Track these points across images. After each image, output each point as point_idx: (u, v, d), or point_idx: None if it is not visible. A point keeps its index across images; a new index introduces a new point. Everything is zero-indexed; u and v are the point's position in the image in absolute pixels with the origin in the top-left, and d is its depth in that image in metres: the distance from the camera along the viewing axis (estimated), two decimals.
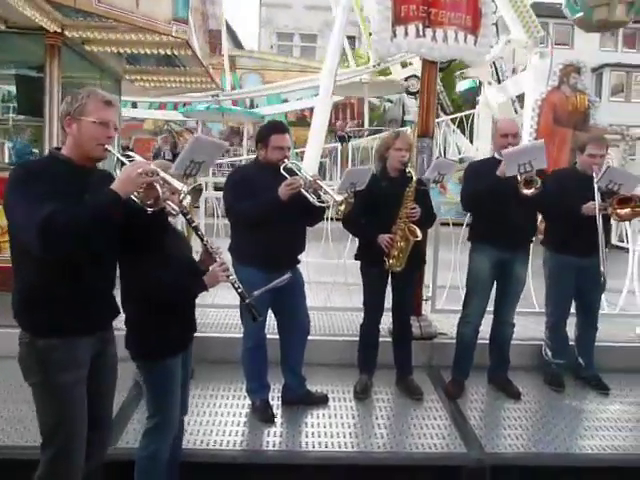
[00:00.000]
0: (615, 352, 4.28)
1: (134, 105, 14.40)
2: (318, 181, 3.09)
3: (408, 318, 3.82)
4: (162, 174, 1.95)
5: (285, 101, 15.59)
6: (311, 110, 10.56)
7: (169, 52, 5.55)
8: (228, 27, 23.84)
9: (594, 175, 3.54)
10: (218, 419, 3.32)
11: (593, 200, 3.48)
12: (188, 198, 2.08)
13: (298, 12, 26.26)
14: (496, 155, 3.72)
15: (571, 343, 4.05)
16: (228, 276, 2.31)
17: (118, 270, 2.29)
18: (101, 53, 5.78)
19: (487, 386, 3.89)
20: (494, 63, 10.29)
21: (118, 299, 2.31)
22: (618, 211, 3.54)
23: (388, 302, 3.70)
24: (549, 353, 4.01)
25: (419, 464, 3.06)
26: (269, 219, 3.05)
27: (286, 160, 3.17)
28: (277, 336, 3.49)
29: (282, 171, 3.13)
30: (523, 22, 8.52)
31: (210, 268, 2.32)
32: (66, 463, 2.08)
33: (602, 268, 3.44)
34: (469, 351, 3.84)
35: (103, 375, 2.22)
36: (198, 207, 5.16)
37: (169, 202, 2.07)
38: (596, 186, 3.50)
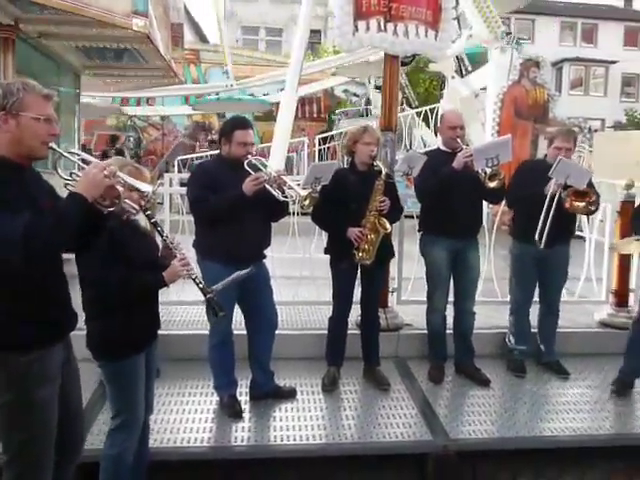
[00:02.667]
0: (574, 338, 4.43)
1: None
2: (282, 176, 3.10)
3: (376, 310, 3.87)
4: (124, 177, 1.92)
5: (252, 96, 15.46)
6: (277, 105, 10.51)
7: (129, 46, 5.46)
8: (192, 20, 23.55)
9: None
10: (186, 416, 3.30)
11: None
12: (151, 198, 2.06)
13: (263, 6, 26.09)
14: (441, 147, 3.81)
15: (533, 330, 4.17)
16: (188, 271, 2.30)
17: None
18: (58, 47, 5.64)
19: (454, 375, 3.97)
20: (457, 57, 10.42)
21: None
22: (573, 202, 3.65)
23: (355, 294, 3.73)
24: (512, 340, 4.13)
25: (387, 453, 3.12)
26: (234, 214, 3.04)
27: (250, 156, 3.17)
28: (244, 331, 3.49)
29: (246, 167, 3.12)
30: (484, 17, 8.64)
31: (171, 263, 2.30)
32: None
33: (538, 234, 3.58)
34: (440, 337, 3.94)
35: (71, 385, 2.17)
36: (161, 203, 5.10)
37: (128, 201, 2.05)
38: (553, 178, 3.61)
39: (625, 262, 4.64)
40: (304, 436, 3.14)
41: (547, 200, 3.58)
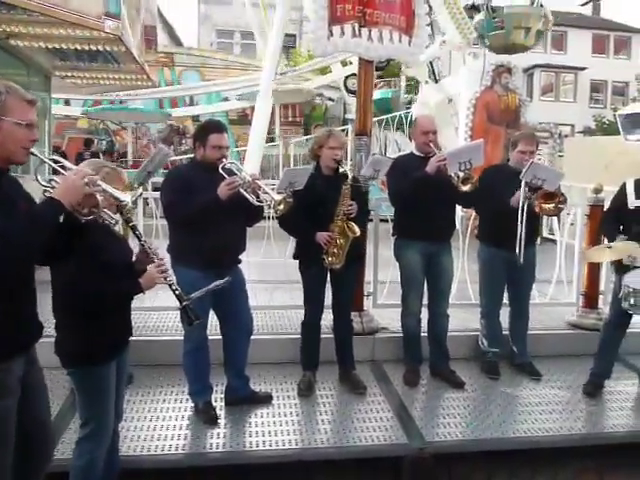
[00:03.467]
0: (546, 339, 4.51)
1: (67, 102, 13.87)
2: (257, 181, 3.09)
3: (349, 314, 3.87)
4: (104, 185, 1.89)
5: (226, 99, 15.40)
6: (253, 109, 10.48)
7: (101, 48, 5.37)
8: (166, 23, 23.35)
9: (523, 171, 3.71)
10: (160, 423, 3.25)
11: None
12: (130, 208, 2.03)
13: (238, 9, 25.96)
14: (415, 152, 3.85)
15: (506, 332, 4.23)
16: (165, 278, 2.26)
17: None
18: (27, 48, 5.53)
19: (429, 377, 4.00)
20: (431, 63, 10.54)
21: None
22: (543, 205, 3.72)
23: (329, 298, 3.73)
24: (485, 343, 4.18)
25: (363, 457, 3.12)
26: (208, 219, 3.01)
27: (224, 159, 3.15)
28: (219, 337, 3.46)
29: (221, 170, 3.10)
30: (457, 24, 8.77)
31: (147, 269, 2.27)
32: None
33: (520, 255, 3.67)
34: (415, 340, 3.97)
35: (36, 395, 2.10)
36: (135, 207, 5.03)
37: (107, 211, 2.01)
38: (523, 181, 3.67)
39: (595, 265, 4.73)
40: (280, 441, 3.12)
41: (519, 209, 3.64)
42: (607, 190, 4.50)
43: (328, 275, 3.64)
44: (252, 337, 3.53)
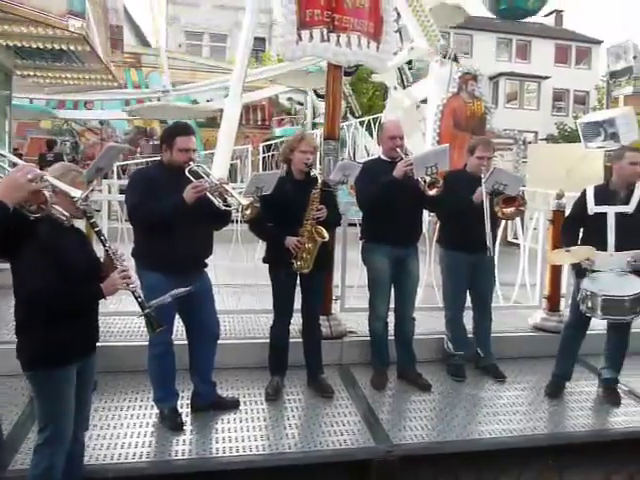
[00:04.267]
0: (510, 341, 4.59)
1: (30, 102, 13.49)
2: (224, 184, 3.06)
3: (317, 318, 3.87)
4: (53, 180, 1.84)
5: (194, 102, 15.24)
6: (221, 111, 10.40)
7: (65, 47, 5.26)
8: (133, 23, 22.99)
9: (482, 176, 3.80)
10: (124, 431, 3.18)
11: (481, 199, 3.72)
12: (85, 204, 1.98)
13: (207, 11, 25.82)
14: (382, 156, 3.89)
15: (471, 335, 4.30)
16: (128, 284, 2.22)
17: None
18: None
19: (396, 380, 4.03)
20: (399, 69, 10.65)
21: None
22: (504, 209, 3.80)
23: (298, 303, 3.73)
24: (450, 346, 4.23)
25: (330, 461, 3.12)
26: (174, 222, 2.98)
27: (191, 163, 3.12)
28: (185, 341, 3.42)
29: (187, 174, 3.06)
30: (425, 31, 8.88)
31: (110, 275, 2.22)
32: None
33: (489, 244, 3.69)
34: (383, 343, 3.99)
35: None
36: (99, 211, 4.93)
37: (57, 207, 1.96)
38: (484, 186, 3.75)
39: (557, 268, 4.85)
40: (247, 447, 3.09)
41: (485, 210, 3.70)
42: (569, 196, 4.62)
43: (297, 279, 3.63)
44: (219, 342, 3.49)
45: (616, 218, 3.63)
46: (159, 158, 3.33)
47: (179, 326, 3.44)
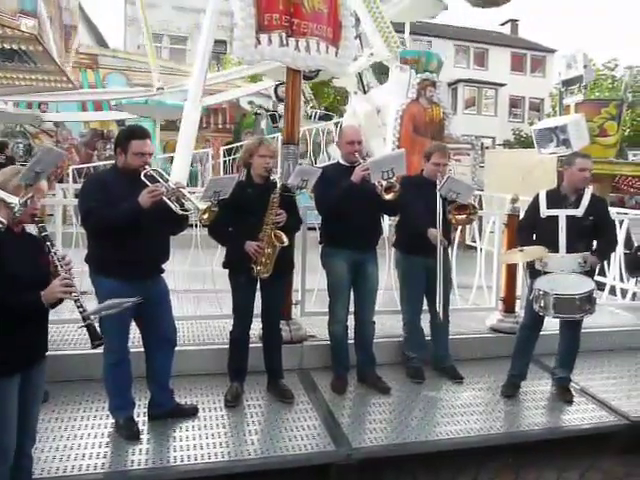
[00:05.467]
0: (467, 343, 4.68)
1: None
2: (181, 189, 3.02)
3: (278, 323, 3.86)
4: None
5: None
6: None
7: (16, 47, 5.09)
8: (91, 24, 22.48)
9: (437, 182, 3.88)
10: (77, 442, 3.09)
11: (435, 204, 3.83)
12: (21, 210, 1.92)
13: (166, 13, 25.45)
14: (341, 161, 3.92)
15: (429, 337, 4.36)
16: (70, 292, 2.15)
17: None
18: None
19: (356, 384, 4.04)
20: (359, 74, 10.74)
21: None
22: (456, 216, 3.90)
23: (258, 308, 3.71)
24: (409, 348, 4.28)
25: (290, 466, 3.11)
26: (129, 227, 2.92)
27: (147, 167, 3.06)
28: (142, 349, 3.35)
29: (143, 178, 3.01)
30: (384, 37, 8.99)
31: (52, 282, 2.15)
32: None
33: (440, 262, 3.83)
34: (343, 347, 4.00)
35: None
36: (52, 215, 4.79)
37: None
38: (438, 193, 3.84)
39: (512, 271, 4.98)
40: (206, 455, 3.05)
41: (438, 216, 3.80)
42: (523, 200, 4.75)
43: (258, 284, 3.61)
44: (177, 348, 3.44)
45: (567, 221, 3.76)
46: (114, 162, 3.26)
47: (135, 333, 3.37)
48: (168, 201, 2.96)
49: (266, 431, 3.35)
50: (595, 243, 3.89)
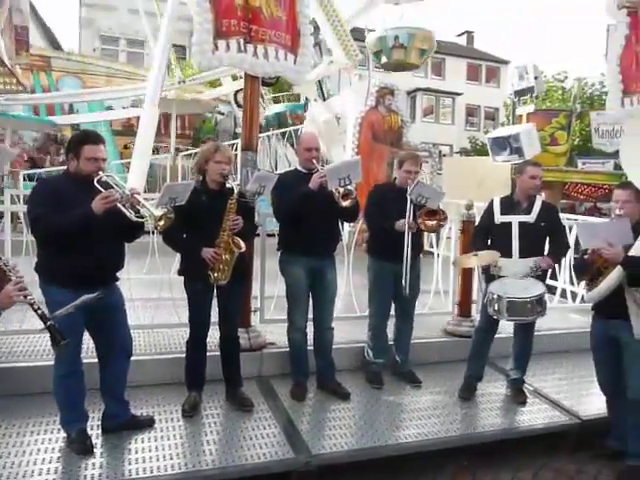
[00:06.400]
0: (425, 347, 4.74)
1: None
2: (136, 195, 2.96)
3: (235, 330, 3.81)
4: None
5: (109, 108, 14.69)
6: (138, 119, 10.09)
7: None
8: (44, 25, 21.86)
9: (408, 188, 3.93)
10: (26, 459, 2.97)
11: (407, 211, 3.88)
12: None
13: (123, 16, 24.98)
14: (299, 167, 3.94)
15: (390, 342, 4.40)
16: (26, 296, 2.09)
17: None
18: None
19: (316, 391, 4.04)
20: (319, 81, 10.81)
21: None
22: (426, 222, 3.95)
23: (215, 315, 3.66)
24: (370, 353, 4.31)
25: (249, 475, 3.07)
26: (81, 235, 2.84)
27: (101, 172, 2.99)
28: (96, 359, 3.26)
29: (96, 184, 2.94)
30: (343, 45, 9.08)
31: (4, 288, 2.08)
32: None
33: (404, 276, 3.91)
34: (302, 354, 3.99)
35: None
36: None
37: None
38: (409, 198, 3.89)
39: (468, 276, 5.08)
40: (162, 467, 2.98)
41: (405, 227, 3.86)
42: (479, 206, 4.86)
43: (215, 291, 3.57)
44: (133, 358, 3.36)
45: (519, 227, 3.87)
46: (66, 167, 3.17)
47: (88, 343, 3.28)
48: (122, 208, 2.89)
49: (224, 440, 3.30)
50: (547, 248, 4.02)
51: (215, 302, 3.61)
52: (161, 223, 2.98)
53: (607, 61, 5.46)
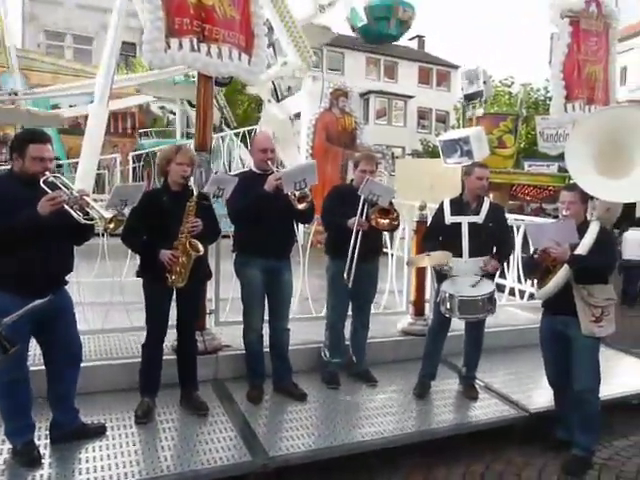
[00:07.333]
0: (381, 347, 4.80)
1: None
2: (85, 196, 2.88)
3: (193, 333, 3.77)
4: None
5: (56, 106, 14.17)
6: (86, 118, 9.79)
7: None
8: None
9: (360, 187, 3.96)
10: None
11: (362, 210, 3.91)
12: None
13: (70, 11, 24.20)
14: (254, 169, 3.93)
15: (347, 342, 4.43)
16: None
17: None
18: None
19: (272, 393, 4.01)
20: (273, 82, 10.78)
21: None
22: (379, 220, 3.99)
23: (173, 319, 3.60)
24: (327, 353, 4.33)
25: None
26: (26, 238, 2.73)
27: (47, 172, 2.89)
28: (43, 367, 3.14)
29: (42, 185, 2.83)
30: (297, 47, 9.09)
31: None
32: None
33: (346, 276, 3.92)
34: (258, 356, 3.98)
35: None
36: None
37: None
38: (362, 196, 3.92)
39: (421, 275, 5.18)
40: (115, 475, 2.90)
41: (355, 225, 3.89)
42: (431, 207, 4.96)
43: (173, 294, 3.51)
44: (83, 364, 3.26)
45: (469, 227, 3.98)
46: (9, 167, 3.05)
47: (35, 349, 3.16)
48: (70, 209, 2.80)
49: (180, 446, 3.25)
50: (495, 248, 4.14)
51: (173, 304, 3.55)
52: (111, 225, 2.90)
53: (551, 68, 5.68)
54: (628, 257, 10.36)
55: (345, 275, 3.93)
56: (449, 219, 4.05)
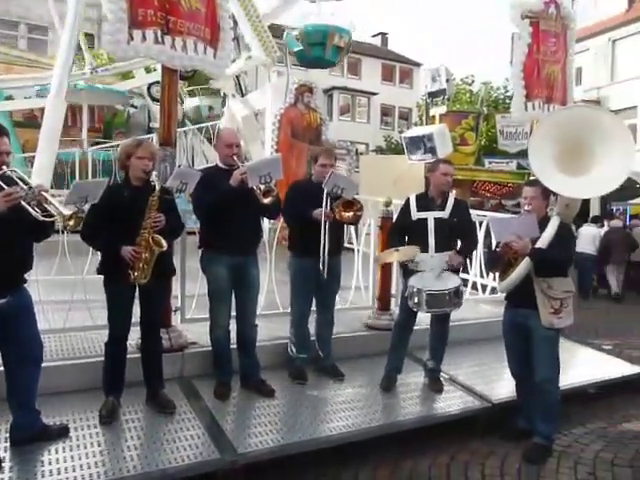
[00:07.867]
0: (347, 341, 4.83)
1: None
2: (43, 192, 2.78)
3: (158, 331, 3.71)
4: None
5: (9, 98, 13.66)
6: (42, 110, 9.48)
7: None
8: None
9: (324, 180, 3.97)
10: None
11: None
12: None
13: None
14: (219, 164, 3.90)
15: (313, 338, 4.44)
16: None
17: None
18: None
19: (240, 389, 3.99)
20: (237, 77, 10.68)
21: None
22: (342, 213, 4.02)
23: (135, 316, 3.53)
24: (294, 349, 4.33)
25: (174, 478, 2.99)
26: None
27: (4, 167, 2.79)
28: (1, 367, 3.04)
29: None
30: (262, 42, 9.03)
31: None
32: None
33: (322, 267, 3.97)
34: (225, 353, 3.95)
35: None
36: None
37: None
38: (325, 190, 3.93)
39: (387, 271, 5.23)
40: (79, 477, 2.84)
41: (322, 220, 3.90)
42: (396, 203, 5.01)
43: (136, 291, 3.44)
44: (43, 364, 3.17)
45: (435, 223, 4.04)
46: None
47: None
48: (27, 206, 2.71)
49: (146, 445, 3.19)
50: (459, 243, 4.22)
51: (137, 301, 3.48)
52: (71, 223, 2.81)
53: (512, 67, 5.81)
54: (581, 250, 10.73)
55: (320, 266, 3.95)
56: (415, 215, 4.11)
